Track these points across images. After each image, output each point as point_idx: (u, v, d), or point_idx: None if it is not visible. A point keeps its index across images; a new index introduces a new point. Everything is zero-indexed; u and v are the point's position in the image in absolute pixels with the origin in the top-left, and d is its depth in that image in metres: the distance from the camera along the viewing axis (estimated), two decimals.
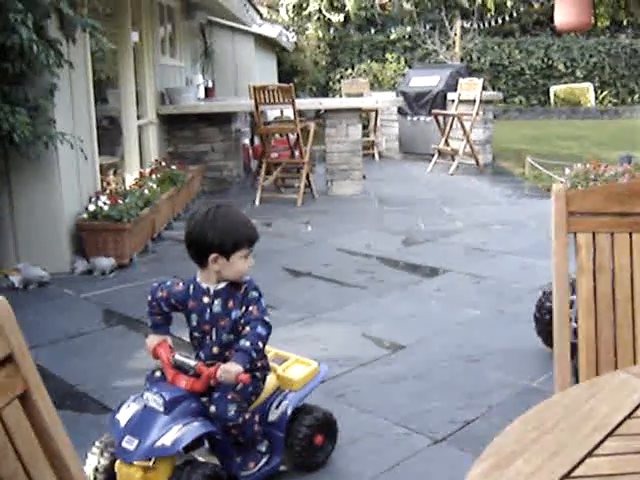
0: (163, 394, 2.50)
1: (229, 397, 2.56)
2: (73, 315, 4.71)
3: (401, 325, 4.45)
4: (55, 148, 5.33)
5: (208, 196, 8.95)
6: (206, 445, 2.66)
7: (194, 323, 2.69)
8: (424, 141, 12.37)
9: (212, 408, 2.54)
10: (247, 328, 2.55)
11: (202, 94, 11.14)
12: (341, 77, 21.09)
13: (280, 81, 17.44)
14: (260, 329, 2.54)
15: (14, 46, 4.80)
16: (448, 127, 10.86)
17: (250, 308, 2.59)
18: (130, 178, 7.27)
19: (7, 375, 1.11)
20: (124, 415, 2.58)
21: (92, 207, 5.67)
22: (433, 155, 11.11)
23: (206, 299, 2.65)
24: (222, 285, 2.64)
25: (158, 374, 2.68)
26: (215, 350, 2.65)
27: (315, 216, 7.73)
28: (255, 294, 2.62)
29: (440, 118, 11.10)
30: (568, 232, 1.75)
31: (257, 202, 8.36)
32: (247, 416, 2.60)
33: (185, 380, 2.57)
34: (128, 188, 6.45)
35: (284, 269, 5.74)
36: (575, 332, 1.75)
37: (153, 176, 7.14)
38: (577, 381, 1.73)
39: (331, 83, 22.01)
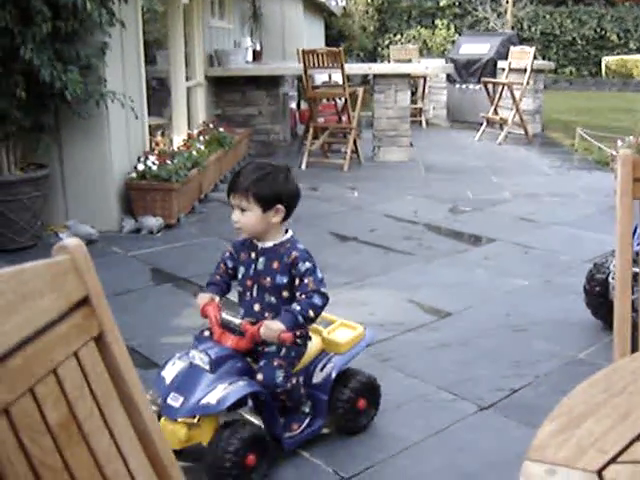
0: (209, 352, 2.51)
1: (275, 364, 2.56)
2: (121, 273, 4.77)
3: (448, 292, 4.42)
4: (106, 107, 5.36)
5: (254, 159, 8.94)
6: (250, 404, 2.67)
7: (240, 276, 2.70)
8: (472, 109, 12.21)
9: (259, 376, 2.55)
10: (303, 296, 2.54)
11: (250, 57, 11.09)
12: (389, 43, 20.86)
13: (327, 46, 17.32)
14: (316, 299, 2.54)
15: (67, 4, 4.81)
16: (497, 96, 10.69)
17: (305, 280, 2.57)
18: (178, 139, 7.30)
19: (83, 316, 1.12)
20: (170, 372, 2.60)
21: (141, 167, 5.70)
22: (481, 124, 10.96)
23: (253, 254, 2.66)
24: (269, 244, 2.63)
25: (206, 333, 2.69)
26: (256, 308, 2.65)
27: (361, 182, 7.69)
28: (309, 265, 2.59)
29: (490, 86, 10.93)
30: (634, 198, 1.71)
31: (303, 166, 8.34)
32: (294, 380, 2.61)
33: (231, 339, 2.58)
34: (176, 149, 6.48)
35: (330, 233, 5.73)
36: (633, 305, 1.72)
37: (201, 138, 7.15)
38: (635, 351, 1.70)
39: (379, 49, 21.80)
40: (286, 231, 2.69)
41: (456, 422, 2.94)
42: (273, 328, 2.47)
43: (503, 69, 11.17)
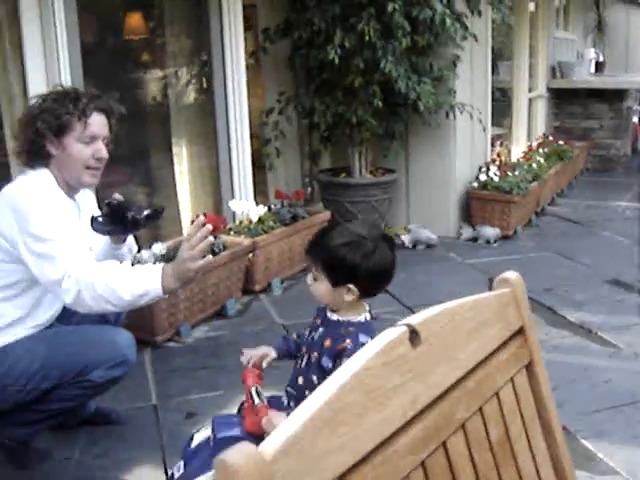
0: (215, 430, 2.20)
1: None
2: (457, 279, 4.89)
3: None
4: (454, 117, 5.53)
5: (592, 174, 8.68)
6: None
7: (302, 338, 2.36)
8: None
9: None
10: None
11: (592, 69, 10.76)
12: None
13: None
14: None
15: (426, 19, 5.05)
16: None
17: None
18: (516, 150, 7.30)
19: (518, 345, 1.23)
20: (197, 437, 2.31)
21: (483, 177, 5.80)
22: None
23: (318, 321, 2.27)
24: (335, 317, 2.21)
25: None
26: (300, 381, 2.23)
27: None
28: None
29: None
30: None
31: None
32: None
33: (249, 420, 2.18)
34: (515, 160, 6.50)
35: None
36: None
37: (540, 150, 7.09)
38: None
39: None
40: (369, 311, 2.20)
41: None
42: (274, 424, 2.06)
43: None
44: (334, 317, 2.17)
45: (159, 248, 4.04)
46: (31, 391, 2.68)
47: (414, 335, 0.97)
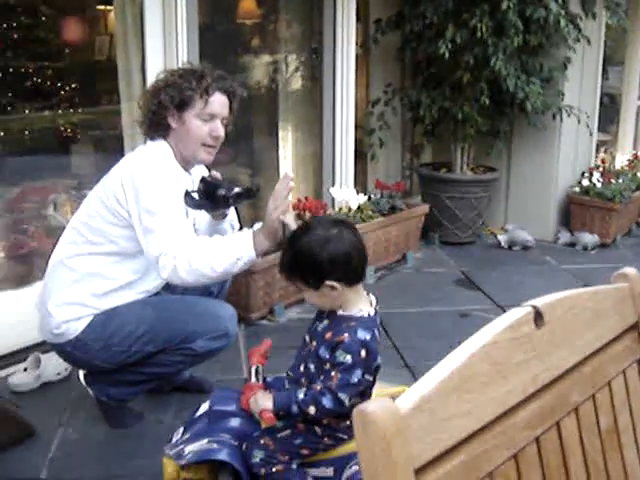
0: (211, 403, 2.31)
1: (261, 442, 2.18)
2: (552, 283, 4.84)
3: None
4: (561, 120, 5.47)
5: None
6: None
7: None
8: None
9: (244, 445, 2.20)
10: (318, 387, 2.10)
11: None
12: None
13: None
14: (326, 400, 2.07)
15: (539, 19, 5.00)
16: None
17: (333, 372, 2.08)
18: (621, 158, 7.15)
19: (632, 340, 1.27)
20: (202, 407, 2.39)
21: (585, 182, 5.71)
22: None
23: (324, 313, 2.27)
24: (340, 312, 2.20)
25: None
26: (301, 368, 2.26)
27: None
28: (348, 360, 2.07)
29: None
30: None
31: None
32: (280, 467, 2.16)
33: (244, 396, 2.23)
34: (619, 168, 6.37)
35: None
36: None
37: None
38: None
39: None
40: (374, 307, 2.22)
41: None
42: (258, 403, 2.14)
43: None
44: (339, 312, 2.17)
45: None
46: (135, 353, 2.81)
47: (538, 316, 1.01)
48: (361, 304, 2.18)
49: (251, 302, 4.06)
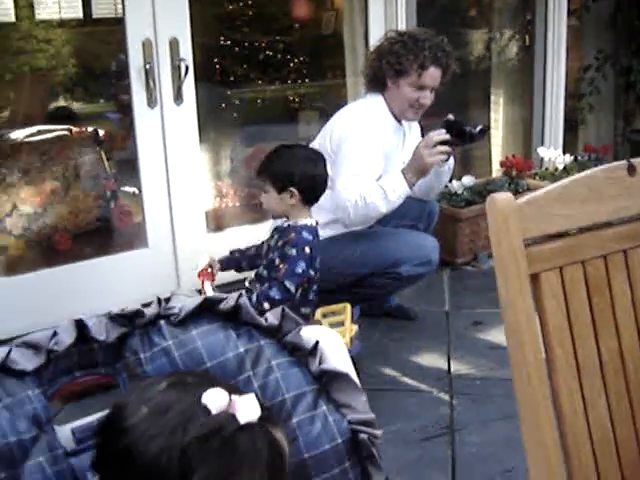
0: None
1: None
2: None
3: None
4: None
5: None
6: None
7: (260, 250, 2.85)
8: None
9: None
10: (266, 284, 2.44)
11: None
12: None
13: None
14: (274, 291, 2.44)
15: None
16: None
17: (280, 265, 2.51)
18: None
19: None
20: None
21: None
22: None
23: (275, 234, 2.74)
24: (285, 224, 2.71)
25: None
26: (260, 272, 2.71)
27: None
28: (294, 252, 2.53)
29: None
30: None
31: None
32: None
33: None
34: None
35: None
36: None
37: None
38: None
39: None
40: (315, 221, 2.72)
41: None
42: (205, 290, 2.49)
43: None
44: (285, 224, 2.66)
45: (468, 180, 4.58)
46: (351, 275, 3.24)
47: (631, 168, 1.42)
48: (305, 216, 2.67)
49: (457, 248, 4.47)
